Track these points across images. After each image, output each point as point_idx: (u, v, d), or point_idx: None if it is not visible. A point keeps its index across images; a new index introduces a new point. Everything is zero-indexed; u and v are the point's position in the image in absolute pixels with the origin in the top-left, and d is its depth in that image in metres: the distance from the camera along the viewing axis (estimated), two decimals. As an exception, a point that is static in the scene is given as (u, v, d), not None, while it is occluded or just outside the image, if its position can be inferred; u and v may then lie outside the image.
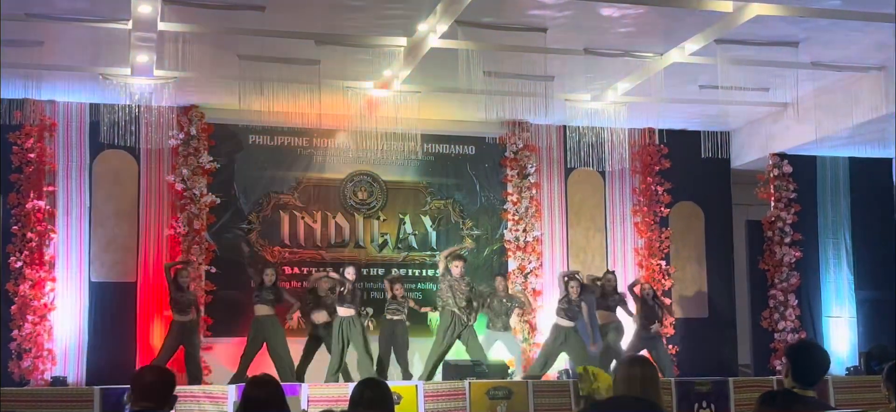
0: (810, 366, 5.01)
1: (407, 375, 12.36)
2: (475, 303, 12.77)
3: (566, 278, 13.03)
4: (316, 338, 12.56)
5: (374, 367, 12.17)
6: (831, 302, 14.59)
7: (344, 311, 12.21)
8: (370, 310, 13.38)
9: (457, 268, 12.77)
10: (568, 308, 12.76)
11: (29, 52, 10.67)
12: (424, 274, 14.08)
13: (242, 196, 13.63)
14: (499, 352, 13.02)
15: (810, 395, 4.87)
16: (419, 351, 13.04)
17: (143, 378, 4.55)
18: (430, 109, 12.90)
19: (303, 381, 11.68)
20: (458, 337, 12.63)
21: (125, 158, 13.04)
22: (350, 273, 12.45)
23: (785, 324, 14.18)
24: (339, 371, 12.14)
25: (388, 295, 12.80)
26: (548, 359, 12.76)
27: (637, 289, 13.21)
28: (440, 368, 12.50)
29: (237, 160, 13.62)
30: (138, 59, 11.04)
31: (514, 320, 13.47)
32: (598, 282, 13.38)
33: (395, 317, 12.62)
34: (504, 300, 13.26)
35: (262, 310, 12.30)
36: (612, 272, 13.66)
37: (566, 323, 12.75)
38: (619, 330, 13.11)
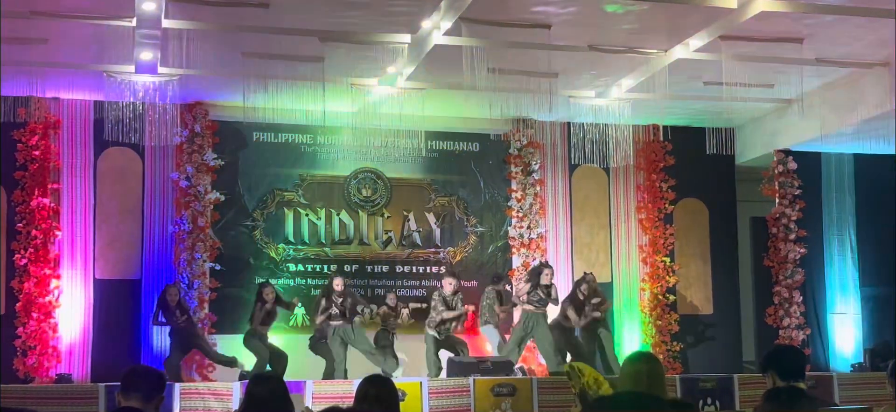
0: (793, 360, 5.26)
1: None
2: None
3: (539, 265, 13.09)
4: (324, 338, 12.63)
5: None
6: (836, 298, 14.57)
7: (336, 322, 12.27)
8: (374, 307, 13.32)
9: (449, 285, 12.68)
10: (539, 298, 12.75)
11: (33, 49, 10.68)
12: (428, 271, 14.07)
13: (247, 193, 13.63)
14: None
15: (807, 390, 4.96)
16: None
17: (132, 373, 4.68)
18: (435, 106, 12.90)
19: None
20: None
21: (129, 156, 13.05)
22: (338, 284, 12.34)
23: (790, 320, 14.16)
24: (339, 374, 12.13)
25: (400, 316, 12.91)
26: (519, 344, 12.80)
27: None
28: (444, 365, 12.51)
29: (241, 157, 13.63)
30: (142, 56, 11.05)
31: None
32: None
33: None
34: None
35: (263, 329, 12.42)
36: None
37: (535, 309, 12.75)
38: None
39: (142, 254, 13.08)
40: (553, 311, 13.12)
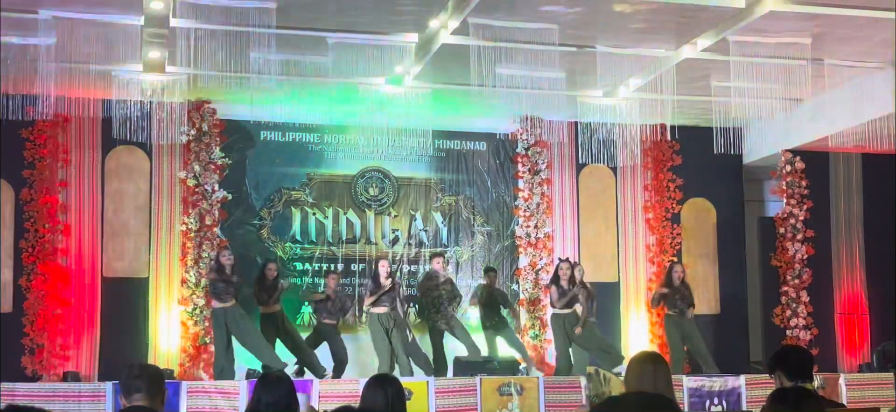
0: (801, 360, 5.30)
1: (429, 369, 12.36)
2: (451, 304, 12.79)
3: (558, 262, 13.04)
4: (321, 334, 12.65)
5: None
6: (844, 298, 14.54)
7: (380, 309, 12.23)
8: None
9: (437, 264, 12.85)
10: (562, 294, 12.73)
11: (42, 47, 10.69)
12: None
13: (254, 192, 13.65)
14: (503, 349, 13.05)
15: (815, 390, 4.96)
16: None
17: (131, 372, 4.59)
18: (442, 105, 12.90)
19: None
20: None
21: (137, 154, 13.09)
22: (384, 267, 12.40)
23: (797, 320, 14.14)
24: (390, 366, 12.10)
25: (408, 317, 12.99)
26: (567, 351, 12.73)
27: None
28: (451, 364, 12.51)
29: (249, 156, 13.65)
30: (150, 55, 11.07)
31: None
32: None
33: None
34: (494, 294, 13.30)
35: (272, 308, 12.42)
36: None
37: (563, 311, 12.73)
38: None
39: (149, 253, 13.11)
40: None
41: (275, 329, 12.26)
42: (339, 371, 12.34)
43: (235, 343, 11.94)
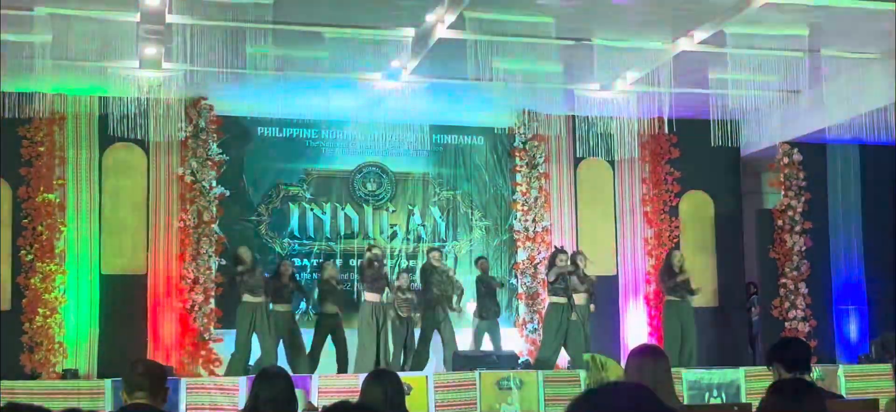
0: (798, 351, 5.32)
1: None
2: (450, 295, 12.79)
3: (554, 250, 12.89)
4: (325, 327, 12.62)
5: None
6: (842, 290, 14.53)
7: (374, 298, 12.23)
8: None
9: (435, 258, 12.90)
10: (562, 285, 12.58)
11: (38, 45, 10.67)
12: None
13: (252, 188, 13.64)
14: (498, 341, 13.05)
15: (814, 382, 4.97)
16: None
17: (134, 369, 4.62)
18: (439, 100, 12.89)
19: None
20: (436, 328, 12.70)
21: (134, 151, 13.07)
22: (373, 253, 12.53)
23: (795, 312, 14.14)
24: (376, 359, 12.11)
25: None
26: (555, 346, 12.67)
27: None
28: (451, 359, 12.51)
29: (246, 152, 13.64)
30: (147, 51, 11.05)
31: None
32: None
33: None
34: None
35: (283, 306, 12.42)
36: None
37: (559, 299, 12.60)
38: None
39: (147, 250, 13.09)
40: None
41: (282, 329, 12.28)
42: (342, 365, 12.32)
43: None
